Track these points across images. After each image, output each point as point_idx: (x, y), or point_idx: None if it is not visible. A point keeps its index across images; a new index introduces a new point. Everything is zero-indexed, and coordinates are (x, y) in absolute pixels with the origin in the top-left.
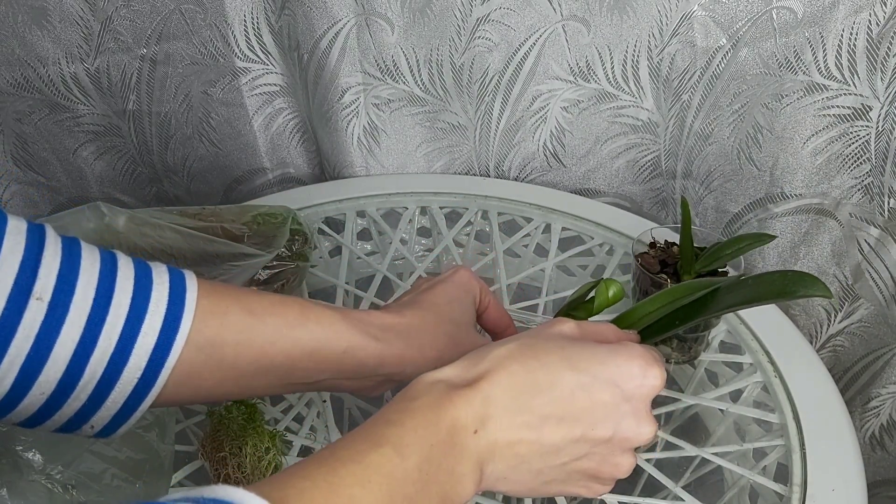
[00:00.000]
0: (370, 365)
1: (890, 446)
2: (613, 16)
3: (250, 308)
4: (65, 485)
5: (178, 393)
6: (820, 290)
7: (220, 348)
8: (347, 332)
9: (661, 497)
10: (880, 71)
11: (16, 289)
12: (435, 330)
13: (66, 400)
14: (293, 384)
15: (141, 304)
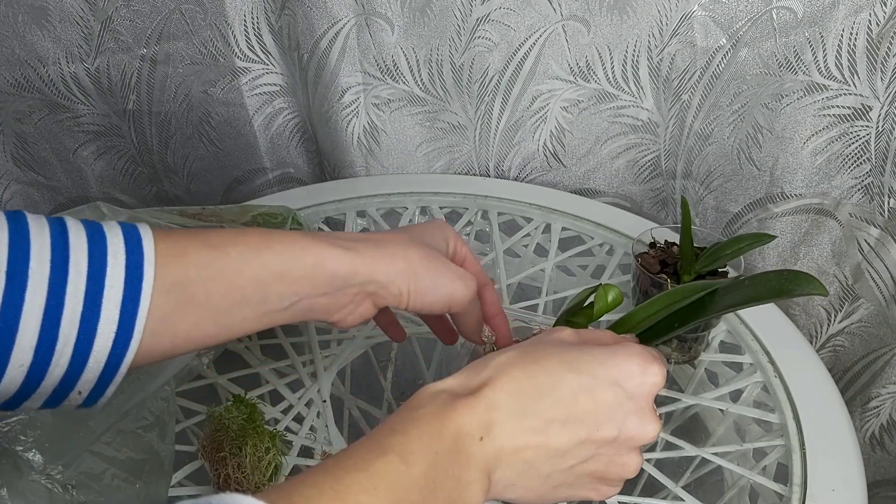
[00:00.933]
0: (341, 275)
1: (890, 446)
2: (613, 16)
3: (210, 242)
4: (65, 485)
5: (157, 343)
6: (816, 289)
7: (187, 287)
8: (314, 246)
9: (661, 497)
10: (880, 71)
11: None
12: (406, 242)
13: (46, 368)
14: (270, 313)
15: (99, 260)
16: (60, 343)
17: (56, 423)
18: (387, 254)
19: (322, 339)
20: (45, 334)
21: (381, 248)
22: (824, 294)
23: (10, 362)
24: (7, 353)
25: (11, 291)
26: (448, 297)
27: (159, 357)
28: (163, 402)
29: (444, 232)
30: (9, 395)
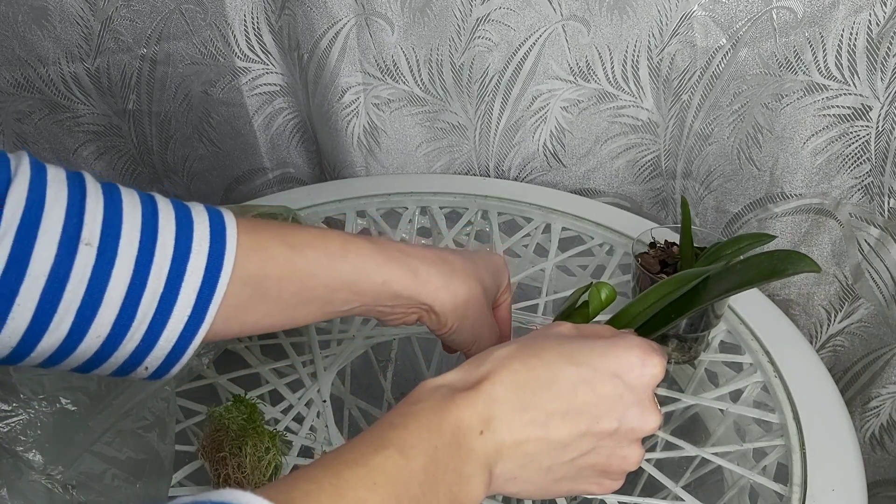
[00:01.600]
0: (405, 296)
1: (890, 446)
2: (613, 16)
3: (291, 242)
4: (65, 485)
5: (225, 328)
6: (808, 265)
7: (263, 282)
8: (386, 265)
9: (660, 497)
10: (880, 71)
11: (65, 236)
12: (470, 278)
13: (121, 341)
14: (332, 312)
15: (184, 244)
16: (137, 320)
17: (56, 424)
18: (451, 287)
19: (322, 339)
20: (125, 310)
21: (446, 278)
22: (817, 270)
23: (89, 333)
24: (88, 324)
25: (100, 266)
26: (474, 342)
27: (226, 338)
28: (163, 403)
29: (501, 276)
30: (80, 362)
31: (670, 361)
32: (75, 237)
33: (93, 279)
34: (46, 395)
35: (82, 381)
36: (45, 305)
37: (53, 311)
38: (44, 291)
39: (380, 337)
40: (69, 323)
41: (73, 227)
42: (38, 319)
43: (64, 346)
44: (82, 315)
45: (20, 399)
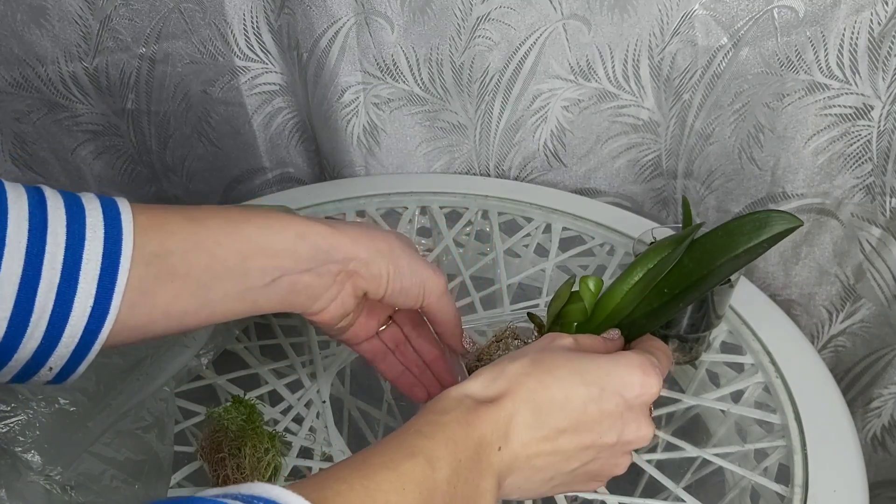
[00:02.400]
0: (324, 247)
1: (892, 447)
2: (614, 15)
3: (190, 215)
4: (63, 486)
5: (134, 317)
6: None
7: (167, 259)
8: (295, 221)
9: (662, 498)
10: (882, 70)
11: None
12: (383, 229)
13: (20, 340)
14: (252, 290)
15: (77, 231)
16: (35, 315)
17: (55, 424)
18: (368, 234)
19: (322, 339)
20: (21, 305)
21: (361, 228)
22: (799, 223)
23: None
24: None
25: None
26: (421, 284)
27: (136, 334)
28: (162, 403)
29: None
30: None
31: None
32: None
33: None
34: (45, 395)
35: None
36: None
37: None
38: None
39: None
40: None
41: None
42: None
43: None
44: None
45: (19, 399)
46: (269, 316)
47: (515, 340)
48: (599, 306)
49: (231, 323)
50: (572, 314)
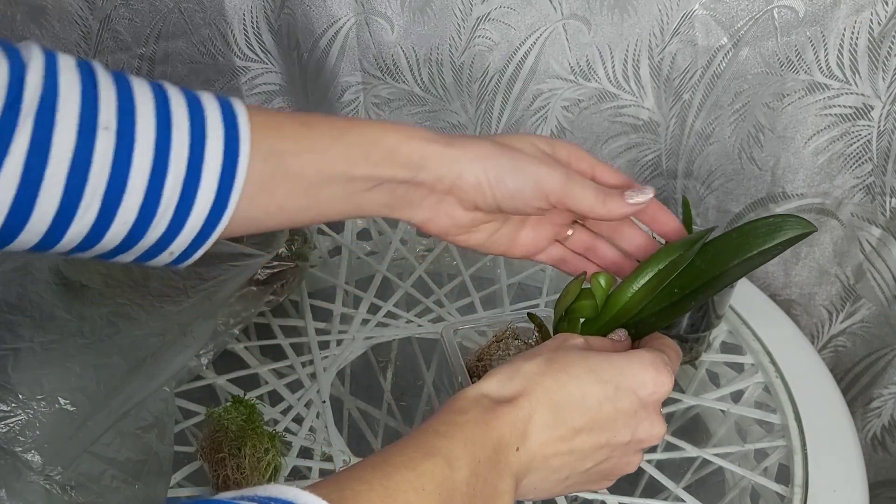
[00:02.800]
0: (415, 159)
1: (891, 447)
2: (614, 15)
3: (301, 120)
4: (63, 486)
5: (251, 211)
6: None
7: (282, 157)
8: (397, 129)
9: (662, 498)
10: (882, 70)
11: (83, 120)
12: (478, 139)
13: (147, 228)
14: (357, 194)
15: (199, 127)
16: (162, 206)
17: (55, 424)
18: (464, 144)
19: (322, 339)
20: (150, 194)
21: (464, 139)
22: (813, 230)
23: (116, 219)
24: (114, 210)
25: (121, 150)
26: (535, 183)
27: (252, 226)
28: (162, 403)
29: (527, 138)
30: (108, 249)
31: None
32: (93, 121)
33: (115, 164)
34: (45, 395)
35: (81, 381)
36: (71, 191)
37: (80, 196)
38: (69, 176)
39: (380, 337)
40: (96, 209)
41: (89, 112)
42: (65, 205)
43: (92, 233)
44: (108, 200)
45: (19, 399)
46: (270, 316)
47: (515, 340)
48: (608, 304)
49: (231, 323)
50: (582, 310)
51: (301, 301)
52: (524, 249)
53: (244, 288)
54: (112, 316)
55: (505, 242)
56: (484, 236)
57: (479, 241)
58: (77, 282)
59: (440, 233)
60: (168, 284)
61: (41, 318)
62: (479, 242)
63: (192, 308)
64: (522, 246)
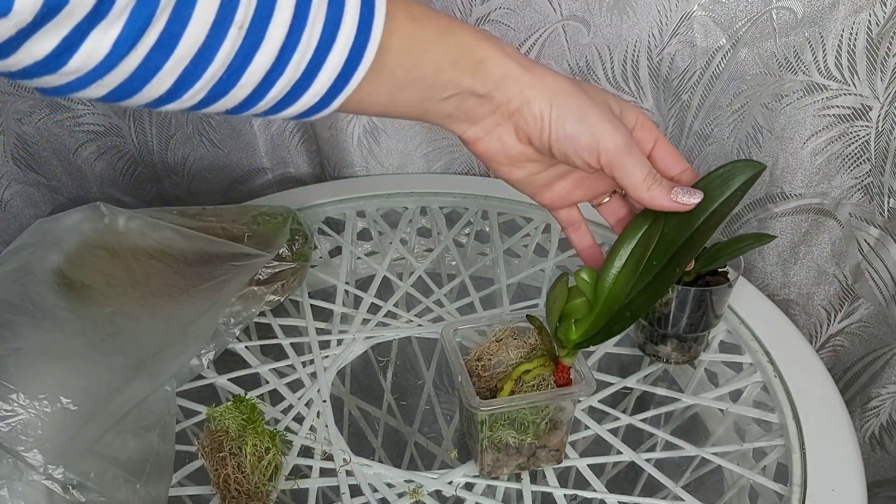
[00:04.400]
0: (495, 76)
1: (890, 446)
2: (613, 16)
3: (411, 13)
4: (65, 485)
5: None
6: (754, 167)
7: (383, 55)
8: (488, 42)
9: (660, 497)
10: (880, 71)
11: (219, 17)
12: (559, 74)
13: (280, 76)
14: (428, 101)
15: (334, 20)
16: (303, 43)
17: (57, 424)
18: (540, 73)
19: (322, 339)
20: (287, 47)
21: (535, 65)
22: (762, 167)
23: (249, 69)
24: (252, 55)
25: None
26: (593, 136)
27: None
28: (163, 403)
29: (602, 92)
30: (239, 101)
31: (670, 362)
32: (229, 18)
33: (257, 12)
34: (47, 394)
35: (83, 380)
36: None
37: (189, 87)
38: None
39: (380, 337)
40: (201, 96)
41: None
42: (172, 93)
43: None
44: (213, 94)
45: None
46: (270, 315)
47: (515, 340)
48: (595, 296)
49: (232, 322)
50: (576, 311)
51: (302, 301)
52: (552, 199)
53: (245, 288)
54: (113, 315)
55: (540, 185)
56: (524, 174)
57: (517, 178)
58: (78, 282)
59: (485, 155)
60: (169, 284)
61: (43, 318)
62: (517, 178)
63: (193, 308)
64: (553, 194)
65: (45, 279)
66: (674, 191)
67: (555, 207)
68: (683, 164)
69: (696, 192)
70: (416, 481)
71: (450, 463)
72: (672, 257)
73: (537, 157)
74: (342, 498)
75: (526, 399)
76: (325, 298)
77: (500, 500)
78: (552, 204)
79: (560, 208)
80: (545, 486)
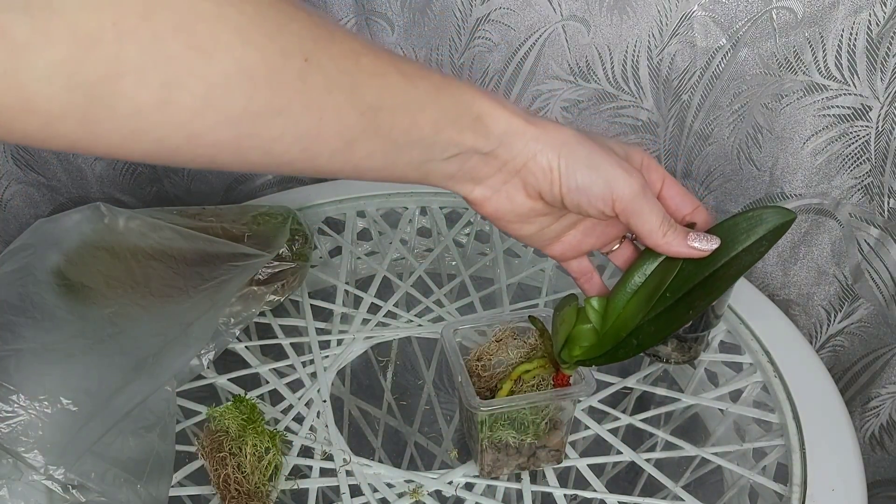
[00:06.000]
0: (496, 132)
1: (890, 446)
2: (613, 16)
3: (404, 70)
4: (65, 485)
5: (331, 164)
6: (784, 216)
7: (378, 113)
8: (484, 99)
9: (660, 497)
10: (880, 71)
11: None
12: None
13: None
14: (431, 162)
15: None
16: None
17: (57, 424)
18: (542, 125)
19: (322, 339)
20: None
21: (539, 120)
22: (793, 217)
23: None
24: None
25: None
26: (606, 184)
27: (321, 175)
28: (163, 403)
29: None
30: None
31: (670, 362)
32: None
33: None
34: (47, 395)
35: (83, 381)
36: None
37: None
38: None
39: (380, 337)
40: None
41: None
42: None
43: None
44: None
45: (21, 399)
46: (270, 315)
47: (515, 340)
48: (604, 319)
49: (232, 322)
50: (582, 337)
51: (302, 301)
52: (562, 250)
53: (245, 288)
54: (113, 316)
55: (549, 239)
56: (534, 229)
57: (528, 233)
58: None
59: (494, 215)
60: (169, 284)
61: (43, 319)
62: (527, 234)
63: (193, 308)
64: (563, 246)
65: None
66: (689, 236)
67: (565, 259)
68: (694, 202)
69: (714, 239)
70: (416, 481)
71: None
72: (687, 293)
73: (548, 210)
74: (342, 498)
75: (526, 399)
76: (325, 298)
77: (500, 500)
78: (563, 255)
79: (571, 259)
80: (545, 486)
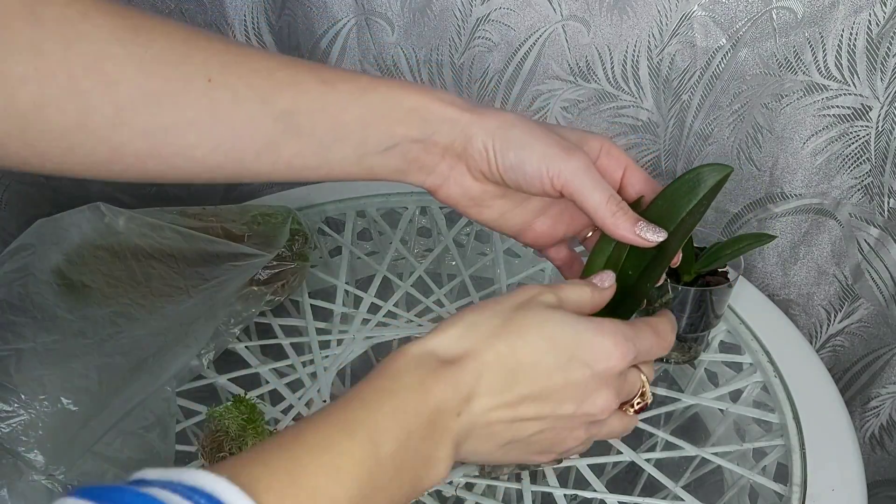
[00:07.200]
0: (431, 122)
1: (890, 446)
2: (613, 16)
3: (323, 77)
4: (66, 485)
5: (257, 165)
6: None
7: (294, 117)
8: (418, 92)
9: (660, 497)
10: (880, 71)
11: None
12: (502, 111)
13: None
14: (369, 156)
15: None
16: None
17: (57, 424)
18: (480, 112)
19: (322, 339)
20: None
21: (476, 106)
22: (729, 170)
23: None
24: None
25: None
26: (540, 160)
27: (258, 179)
28: (163, 403)
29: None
30: None
31: (670, 361)
32: None
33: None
34: (47, 395)
35: (83, 381)
36: None
37: None
38: None
39: (380, 337)
40: None
41: None
42: None
43: None
44: None
45: (21, 399)
46: (270, 315)
47: None
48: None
49: (232, 322)
50: None
51: (302, 301)
52: (535, 237)
53: (245, 288)
54: (113, 316)
55: (518, 224)
56: (495, 214)
57: (490, 218)
58: (79, 282)
59: (449, 200)
60: (169, 284)
61: (43, 319)
62: (490, 219)
63: (193, 308)
64: (535, 233)
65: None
66: (638, 224)
67: (541, 246)
68: (654, 186)
69: (661, 231)
70: None
71: None
72: (646, 267)
73: (500, 192)
74: None
75: None
76: (325, 298)
77: (500, 500)
78: (536, 242)
79: (547, 247)
80: (545, 486)
